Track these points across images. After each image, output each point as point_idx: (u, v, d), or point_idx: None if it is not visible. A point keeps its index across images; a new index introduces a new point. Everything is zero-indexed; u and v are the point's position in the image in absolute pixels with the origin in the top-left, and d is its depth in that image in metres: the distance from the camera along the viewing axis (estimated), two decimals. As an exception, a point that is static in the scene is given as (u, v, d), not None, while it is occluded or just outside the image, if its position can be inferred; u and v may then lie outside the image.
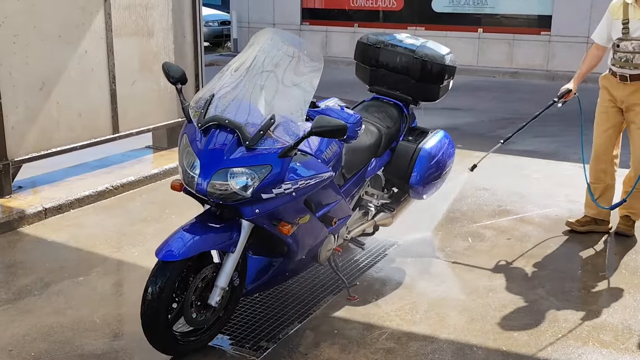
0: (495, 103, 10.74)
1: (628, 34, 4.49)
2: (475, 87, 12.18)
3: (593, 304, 3.98)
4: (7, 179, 5.44)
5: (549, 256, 4.65)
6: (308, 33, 16.00)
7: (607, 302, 3.99)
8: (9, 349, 3.42)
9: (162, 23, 6.64)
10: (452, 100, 9.65)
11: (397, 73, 4.45)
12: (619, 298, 4.04)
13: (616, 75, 4.67)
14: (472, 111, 9.96)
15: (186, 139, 3.25)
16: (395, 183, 4.42)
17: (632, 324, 3.73)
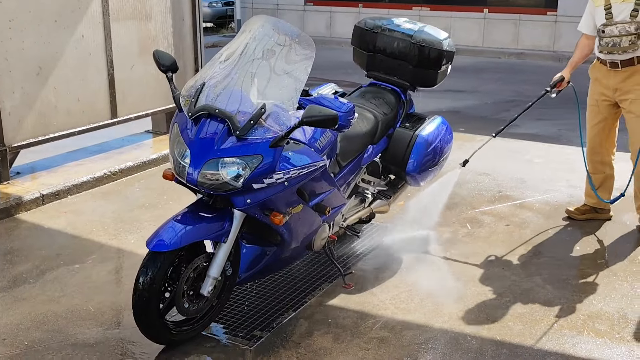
0: (500, 85, 10.68)
1: (612, 18, 4.40)
2: (480, 69, 12.11)
3: (590, 292, 3.96)
4: (5, 165, 5.44)
5: (547, 243, 4.64)
6: (312, 14, 15.92)
7: (604, 291, 3.98)
8: (2, 338, 3.44)
9: (160, 6, 6.60)
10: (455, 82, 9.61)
11: (394, 58, 4.42)
12: (616, 286, 4.03)
13: (606, 63, 4.57)
14: (475, 93, 9.90)
15: (177, 128, 3.24)
16: (392, 170, 4.40)
17: (629, 312, 3.72)
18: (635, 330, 3.55)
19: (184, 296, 3.23)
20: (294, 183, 3.29)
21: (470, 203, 5.37)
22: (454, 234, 4.78)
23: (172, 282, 3.22)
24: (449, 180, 4.86)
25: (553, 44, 13.42)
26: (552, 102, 5.92)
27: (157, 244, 3.06)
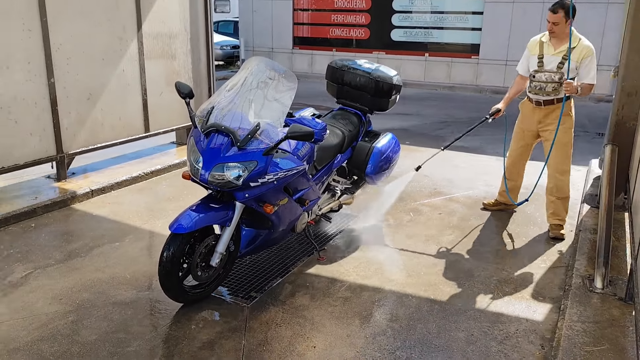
0: (436, 109, 10.71)
1: (542, 67, 4.26)
2: (422, 98, 12.14)
3: (500, 263, 3.99)
4: (63, 168, 5.36)
5: (469, 227, 4.65)
6: (298, 55, 15.85)
7: (510, 262, 4.00)
8: (59, 298, 3.38)
9: (182, 48, 6.53)
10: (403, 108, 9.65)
11: (357, 89, 4.41)
12: (518, 258, 4.06)
13: (532, 101, 4.40)
14: (418, 116, 9.93)
15: (192, 141, 3.20)
16: (355, 173, 4.39)
17: (527, 278, 3.75)
18: (532, 291, 3.58)
19: (197, 267, 3.21)
20: (281, 182, 3.28)
21: (413, 197, 5.39)
22: (400, 220, 4.79)
23: (189, 256, 3.19)
24: (404, 179, 4.87)
25: (476, 80, 13.48)
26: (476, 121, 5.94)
27: (177, 227, 3.03)
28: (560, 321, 3.08)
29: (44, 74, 5.01)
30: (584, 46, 4.13)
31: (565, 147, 4.34)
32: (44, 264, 3.82)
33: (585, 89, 4.18)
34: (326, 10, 15.22)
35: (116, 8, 5.61)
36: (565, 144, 4.33)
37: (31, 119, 4.98)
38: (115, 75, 5.71)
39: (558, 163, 4.36)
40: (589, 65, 4.14)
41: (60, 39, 5.09)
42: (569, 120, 4.32)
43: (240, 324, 3.14)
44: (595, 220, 4.42)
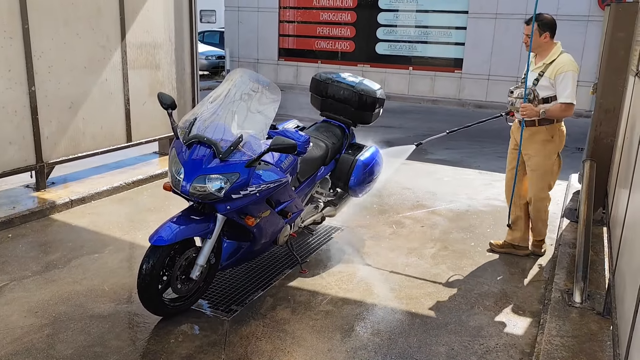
0: (420, 122, 10.79)
1: (520, 85, 3.95)
2: (406, 111, 12.24)
3: (480, 276, 4.00)
4: (43, 177, 5.27)
5: (450, 240, 4.66)
6: (283, 67, 15.89)
7: (491, 276, 4.01)
8: (35, 311, 3.31)
9: (166, 59, 6.50)
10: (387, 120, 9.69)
11: (341, 102, 4.42)
12: (500, 273, 4.07)
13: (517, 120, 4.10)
14: (402, 128, 9.99)
15: (174, 151, 3.18)
16: (338, 185, 4.38)
17: (508, 292, 3.76)
18: (512, 305, 3.59)
19: (177, 279, 3.17)
20: (264, 194, 3.26)
21: (396, 210, 5.40)
22: (382, 233, 4.78)
23: (169, 269, 3.15)
24: (406, 149, 4.89)
25: (458, 94, 13.63)
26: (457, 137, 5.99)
27: (157, 239, 2.99)
28: (540, 335, 3.10)
29: (25, 82, 4.95)
30: (560, 61, 3.81)
31: (545, 175, 4.05)
32: (20, 276, 3.74)
33: (556, 110, 3.80)
34: (312, 23, 15.31)
35: (100, 17, 5.57)
36: (545, 172, 4.04)
37: (10, 128, 4.90)
38: (98, 85, 5.66)
39: (537, 190, 4.10)
40: (563, 82, 3.77)
41: (42, 47, 5.04)
42: (550, 146, 3.98)
43: (220, 338, 3.10)
44: (574, 235, 4.47)
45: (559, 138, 4.01)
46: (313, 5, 15.17)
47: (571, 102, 3.78)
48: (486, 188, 6.18)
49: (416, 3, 13.83)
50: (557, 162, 4.09)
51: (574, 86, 3.79)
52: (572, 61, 3.83)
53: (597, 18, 11.59)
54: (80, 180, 5.65)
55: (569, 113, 3.86)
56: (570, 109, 3.82)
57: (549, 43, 3.90)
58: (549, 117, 3.85)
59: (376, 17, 14.34)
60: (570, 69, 3.79)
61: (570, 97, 3.78)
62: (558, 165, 4.11)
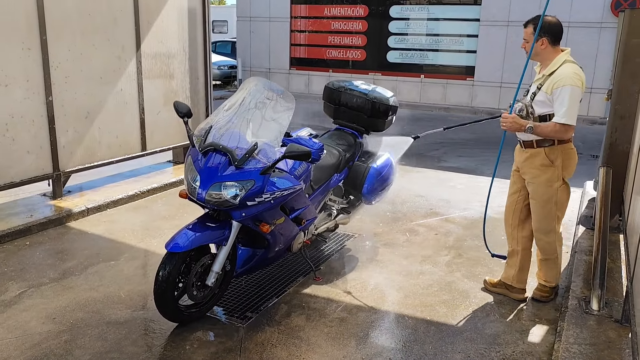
0: (432, 131, 10.76)
1: (526, 95, 3.41)
2: (418, 118, 12.23)
3: (496, 284, 3.98)
4: (59, 186, 5.36)
5: (465, 247, 4.65)
6: (295, 76, 15.99)
7: (507, 283, 3.99)
8: (53, 317, 3.35)
9: (180, 68, 6.59)
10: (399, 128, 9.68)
11: (353, 110, 4.44)
12: (515, 280, 4.05)
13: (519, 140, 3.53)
14: (414, 137, 9.97)
15: (190, 159, 3.22)
16: (352, 192, 4.40)
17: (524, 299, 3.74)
18: (529, 313, 3.57)
19: (193, 286, 3.19)
20: (278, 201, 3.29)
21: (409, 217, 5.40)
22: (396, 241, 4.78)
23: (184, 275, 3.18)
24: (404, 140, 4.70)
25: (471, 102, 13.62)
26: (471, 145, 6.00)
27: (173, 246, 3.03)
28: (557, 343, 3.07)
29: (42, 92, 5.04)
30: (560, 73, 3.19)
31: (547, 204, 3.43)
32: (38, 283, 3.79)
33: (546, 129, 3.19)
34: (323, 32, 15.41)
35: (115, 27, 5.67)
36: (547, 200, 3.43)
37: (28, 137, 4.98)
38: (114, 94, 5.75)
39: (539, 222, 3.51)
40: (560, 98, 3.14)
41: (59, 58, 5.13)
42: (550, 171, 3.37)
43: (235, 345, 3.11)
44: (591, 242, 4.44)
45: (563, 162, 3.36)
46: (324, 15, 15.27)
47: (566, 123, 3.14)
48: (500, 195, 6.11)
49: (427, 11, 13.88)
50: (563, 190, 3.44)
51: (572, 104, 3.13)
52: (575, 74, 3.18)
53: (611, 24, 11.55)
54: (95, 188, 5.72)
55: (564, 135, 3.22)
56: (566, 131, 3.18)
57: (550, 51, 3.30)
58: (539, 135, 3.27)
59: (387, 25, 14.40)
60: (569, 83, 3.13)
61: (566, 116, 3.13)
62: (566, 193, 3.47)
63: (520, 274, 3.71)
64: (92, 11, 5.40)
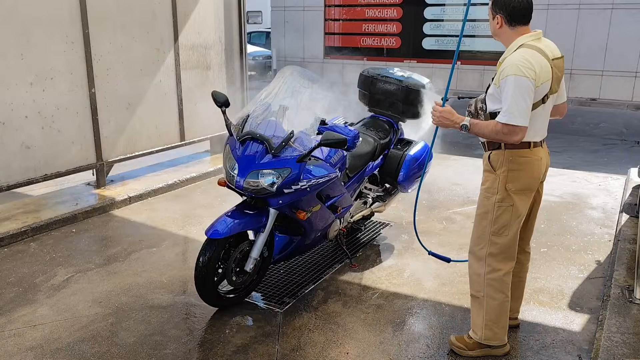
0: (469, 118, 10.58)
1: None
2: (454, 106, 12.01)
3: (535, 272, 3.91)
4: (103, 175, 5.53)
5: (503, 236, 4.58)
6: (329, 65, 15.95)
7: (546, 271, 3.93)
8: (99, 301, 3.49)
9: (217, 59, 6.67)
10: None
11: (389, 98, 4.42)
12: (555, 269, 3.98)
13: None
14: (450, 124, 9.83)
15: (228, 148, 3.28)
16: (387, 180, 4.39)
17: (564, 288, 3.68)
18: (569, 301, 3.50)
19: (232, 272, 3.26)
20: (314, 189, 3.31)
21: (446, 206, 5.35)
22: (432, 228, 4.76)
23: (224, 261, 3.25)
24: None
25: (509, 88, 13.32)
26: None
27: (213, 233, 3.09)
28: (599, 332, 3.01)
29: (86, 85, 5.20)
30: (507, 61, 2.54)
31: (482, 220, 2.79)
32: (85, 268, 3.94)
33: (486, 129, 2.57)
34: (357, 20, 15.30)
35: (154, 20, 5.78)
36: (482, 215, 2.80)
37: (73, 128, 5.16)
38: (153, 86, 5.87)
39: (473, 241, 2.89)
40: (504, 92, 2.49)
41: (101, 51, 5.28)
42: (490, 180, 2.75)
43: (273, 329, 3.17)
44: (635, 230, 4.31)
45: (508, 173, 2.67)
46: (358, 3, 15.15)
47: (507, 123, 2.47)
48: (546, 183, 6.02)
49: (464, -4, 13.60)
50: (505, 210, 2.70)
51: (517, 99, 2.45)
52: (525, 60, 2.48)
53: (658, 5, 11.06)
54: (137, 178, 5.88)
55: (509, 138, 2.51)
56: (511, 132, 2.48)
57: (508, 32, 2.65)
58: (477, 135, 2.69)
59: (423, 12, 14.18)
60: (513, 72, 2.47)
61: (507, 114, 2.47)
62: (509, 215, 2.70)
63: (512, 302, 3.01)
64: (132, 5, 5.52)
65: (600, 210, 5.16)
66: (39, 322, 3.23)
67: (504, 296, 2.79)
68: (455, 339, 2.98)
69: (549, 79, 2.55)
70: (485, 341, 2.86)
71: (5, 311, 3.34)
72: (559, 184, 5.90)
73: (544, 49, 2.59)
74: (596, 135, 8.87)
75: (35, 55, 4.74)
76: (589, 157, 7.25)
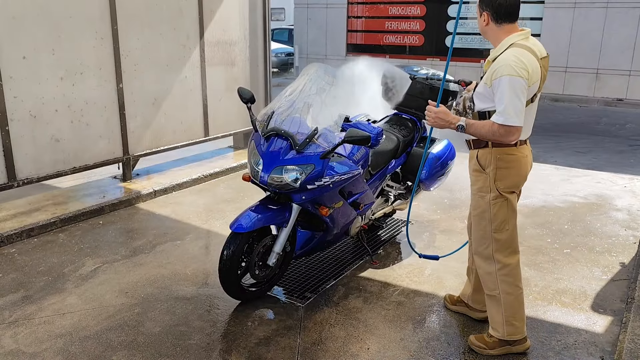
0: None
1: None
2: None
3: (557, 273, 3.89)
4: (129, 169, 5.63)
5: (526, 236, 4.53)
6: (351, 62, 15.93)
7: (568, 272, 3.89)
8: (125, 291, 3.57)
9: (241, 56, 6.73)
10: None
11: (412, 95, 4.40)
12: (578, 270, 3.94)
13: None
14: (473, 123, 9.75)
15: (253, 144, 3.31)
16: (409, 178, 4.39)
17: (587, 290, 3.64)
18: (592, 303, 3.47)
19: (255, 265, 3.30)
20: (337, 185, 3.33)
21: (467, 205, 5.25)
22: (454, 227, 4.74)
23: (247, 255, 3.29)
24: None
25: (533, 87, 13.13)
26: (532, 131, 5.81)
27: (237, 227, 3.13)
28: (622, 334, 2.98)
29: (114, 80, 5.30)
30: (499, 60, 2.53)
31: (481, 220, 2.81)
32: (112, 259, 4.03)
33: (482, 129, 2.56)
34: (380, 18, 15.25)
35: (181, 17, 5.86)
36: (480, 215, 2.82)
37: (101, 122, 5.26)
38: (179, 81, 5.96)
39: (476, 242, 2.90)
40: (498, 92, 2.49)
41: (129, 47, 5.37)
42: (481, 180, 2.77)
43: (295, 323, 3.21)
44: (661, 233, 4.23)
45: (497, 171, 2.69)
46: (381, 0, 15.10)
47: (504, 124, 2.48)
48: (563, 184, 5.95)
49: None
50: (501, 205, 2.73)
51: (513, 99, 2.45)
52: (518, 60, 2.47)
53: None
54: (161, 172, 5.97)
55: (505, 138, 2.53)
56: (507, 133, 2.50)
57: (495, 30, 2.64)
58: (474, 136, 2.67)
59: (446, 9, 14.07)
60: (507, 72, 2.46)
61: (504, 115, 2.47)
62: (506, 209, 2.74)
63: (476, 295, 3.19)
64: (160, 2, 5.61)
65: (625, 212, 5.08)
66: (68, 310, 3.32)
67: (519, 289, 2.85)
68: (474, 339, 2.99)
69: (539, 78, 2.58)
70: (508, 337, 2.87)
71: (36, 299, 3.44)
72: (584, 185, 5.83)
73: (533, 48, 2.59)
74: (622, 136, 8.71)
75: (66, 51, 4.85)
76: (614, 158, 7.14)
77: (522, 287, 2.88)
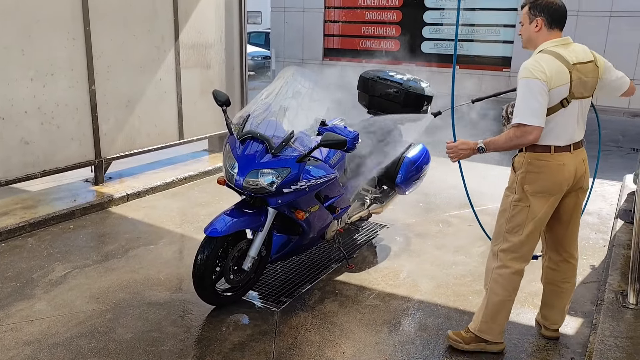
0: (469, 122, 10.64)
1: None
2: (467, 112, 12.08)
3: (531, 275, 3.92)
4: (101, 172, 5.54)
5: (499, 239, 4.61)
6: (328, 67, 15.97)
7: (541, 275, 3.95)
8: (96, 297, 3.50)
9: (217, 58, 6.69)
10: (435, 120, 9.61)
11: (388, 100, 4.43)
12: (550, 272, 4.01)
13: None
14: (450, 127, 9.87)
15: (228, 147, 3.29)
16: (385, 182, 4.42)
17: (559, 292, 3.70)
18: (563, 305, 3.53)
19: (230, 270, 3.28)
20: (313, 189, 3.33)
21: (442, 208, 5.38)
22: (429, 231, 4.78)
23: (222, 260, 3.27)
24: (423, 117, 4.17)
25: (507, 93, 13.37)
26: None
27: (212, 231, 3.11)
28: (592, 335, 3.04)
29: (86, 81, 5.21)
30: (521, 67, 2.60)
31: (501, 216, 2.88)
32: (82, 264, 3.95)
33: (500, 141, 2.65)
34: (357, 22, 15.34)
35: (155, 18, 5.80)
36: (502, 211, 2.89)
37: (72, 125, 5.17)
38: (153, 84, 5.89)
39: (492, 236, 3.00)
40: (517, 95, 2.57)
41: (102, 48, 5.29)
42: (511, 179, 2.87)
43: (270, 328, 3.19)
44: (629, 236, 4.34)
45: (526, 175, 2.73)
46: (358, 5, 15.20)
47: (520, 123, 2.53)
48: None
49: (463, 1, 13.64)
50: (521, 210, 2.78)
51: (527, 99, 2.51)
52: (536, 62, 2.54)
53: (656, 13, 11.13)
54: (135, 175, 5.89)
55: (523, 140, 2.57)
56: (523, 133, 2.54)
57: (544, 36, 2.67)
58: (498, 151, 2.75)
59: (422, 15, 14.24)
60: (522, 75, 2.55)
61: (519, 114, 2.53)
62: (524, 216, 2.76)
63: (544, 310, 3.15)
64: (134, 2, 5.54)
65: (595, 216, 5.20)
66: (37, 317, 3.24)
67: (507, 295, 2.85)
68: (452, 333, 3.05)
69: (565, 83, 2.57)
70: (477, 332, 2.93)
71: (3, 305, 3.35)
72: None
73: (565, 54, 2.61)
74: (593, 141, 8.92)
75: (36, 51, 4.75)
76: (585, 163, 7.29)
77: (514, 297, 2.88)
